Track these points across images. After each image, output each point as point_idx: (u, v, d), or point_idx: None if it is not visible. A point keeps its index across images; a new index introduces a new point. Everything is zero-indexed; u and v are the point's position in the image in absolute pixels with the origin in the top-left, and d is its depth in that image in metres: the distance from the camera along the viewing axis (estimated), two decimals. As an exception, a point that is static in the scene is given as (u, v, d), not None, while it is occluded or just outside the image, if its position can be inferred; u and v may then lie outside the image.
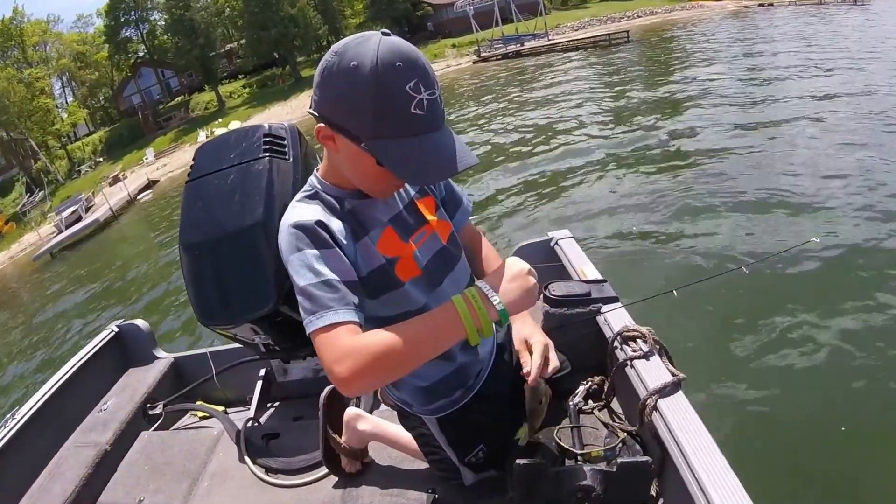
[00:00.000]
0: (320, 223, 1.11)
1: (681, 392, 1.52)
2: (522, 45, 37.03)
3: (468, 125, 16.06)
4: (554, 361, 1.33)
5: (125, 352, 2.96)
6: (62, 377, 2.58)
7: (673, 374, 1.58)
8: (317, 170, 1.24)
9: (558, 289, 1.99)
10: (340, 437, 1.87)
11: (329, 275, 1.07)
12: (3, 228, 34.26)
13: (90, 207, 27.61)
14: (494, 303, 1.04)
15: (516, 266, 1.10)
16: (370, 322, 1.12)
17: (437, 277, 1.30)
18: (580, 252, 2.42)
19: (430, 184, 1.36)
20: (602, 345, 1.88)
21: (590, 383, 1.96)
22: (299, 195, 1.22)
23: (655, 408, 1.49)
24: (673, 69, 16.77)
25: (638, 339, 1.77)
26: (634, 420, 1.63)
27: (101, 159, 43.30)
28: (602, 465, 1.48)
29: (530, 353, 1.31)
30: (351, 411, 1.89)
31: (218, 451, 2.26)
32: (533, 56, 33.29)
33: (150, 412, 2.66)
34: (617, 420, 1.85)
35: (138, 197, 28.68)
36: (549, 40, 35.59)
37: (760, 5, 37.58)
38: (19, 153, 41.43)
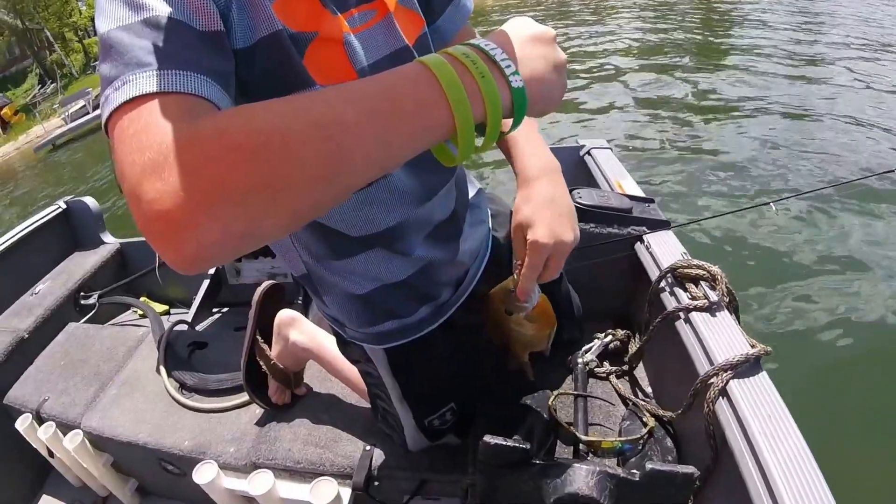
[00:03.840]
0: None
1: (764, 374, 1.05)
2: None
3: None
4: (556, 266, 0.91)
5: (72, 233, 2.87)
6: None
7: (752, 346, 1.10)
8: None
9: (587, 196, 1.51)
10: (271, 351, 1.63)
11: (161, 8, 0.57)
12: (13, 119, 34.66)
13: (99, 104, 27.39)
14: (507, 71, 0.58)
15: (532, 25, 0.66)
16: None
17: None
18: (619, 165, 2.02)
19: None
20: (636, 284, 1.54)
21: (610, 336, 1.57)
22: None
23: (724, 392, 1.03)
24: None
25: (701, 282, 1.29)
26: (676, 401, 1.23)
27: (119, 55, 43.35)
28: (615, 467, 1.00)
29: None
30: (285, 314, 1.61)
31: (138, 354, 2.14)
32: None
33: (83, 301, 2.60)
34: (643, 396, 1.46)
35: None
36: None
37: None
38: (34, 43, 41.18)
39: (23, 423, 1.90)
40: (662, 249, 1.43)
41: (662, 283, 1.34)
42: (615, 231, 1.50)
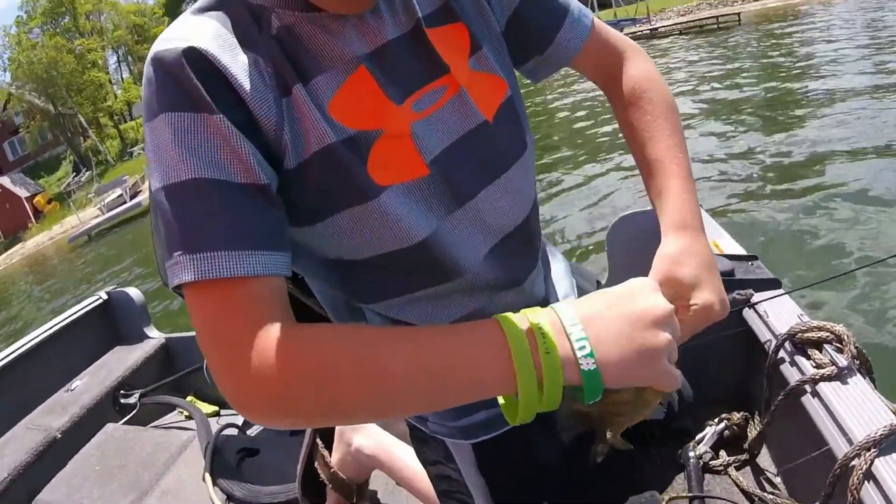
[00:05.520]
0: (200, 54, 0.62)
1: None
2: (621, 30, 37.52)
3: (556, 109, 15.53)
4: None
5: (114, 325, 2.83)
6: (31, 341, 2.49)
7: (896, 413, 0.98)
8: None
9: None
10: (332, 457, 1.58)
11: (206, 171, 0.60)
12: (46, 208, 36.29)
13: (137, 193, 28.71)
14: (578, 353, 0.58)
15: (642, 297, 0.63)
16: (310, 270, 0.82)
17: (460, 186, 0.79)
18: (712, 222, 1.86)
19: None
20: (749, 358, 1.42)
21: (724, 423, 1.45)
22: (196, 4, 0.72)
23: (870, 475, 0.92)
24: (793, 57, 15.65)
25: (825, 346, 1.16)
26: (812, 491, 1.10)
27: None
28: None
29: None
30: None
31: (182, 461, 2.10)
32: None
33: (123, 401, 2.55)
34: (771, 489, 1.32)
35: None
36: (651, 25, 35.17)
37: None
38: (68, 129, 43.66)
39: None
40: (776, 313, 1.30)
41: (781, 353, 1.21)
42: None
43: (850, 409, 1.02)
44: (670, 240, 0.81)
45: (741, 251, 1.60)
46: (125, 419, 2.47)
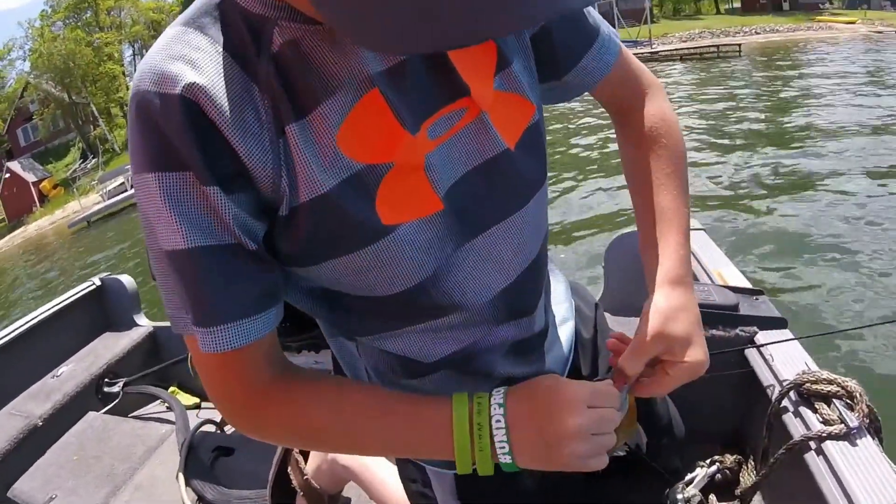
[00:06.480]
0: (188, 102, 0.57)
1: None
2: (621, 52, 38.88)
3: (556, 129, 15.49)
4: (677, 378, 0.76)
5: (104, 312, 2.82)
6: (24, 325, 2.49)
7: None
8: None
9: None
10: (306, 464, 1.55)
11: (199, 238, 0.60)
12: (51, 193, 36.43)
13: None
14: (499, 452, 0.68)
15: (559, 417, 0.68)
16: (297, 299, 0.77)
17: (474, 219, 0.72)
18: (718, 251, 1.83)
19: (439, 48, 0.51)
20: (749, 399, 1.38)
21: (717, 465, 1.41)
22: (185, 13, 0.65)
23: None
24: (790, 88, 15.79)
25: (835, 401, 1.10)
26: None
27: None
28: None
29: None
30: None
31: (157, 456, 2.09)
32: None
33: (106, 389, 2.53)
34: None
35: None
36: (651, 49, 35.32)
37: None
38: (79, 117, 44.09)
39: None
40: (782, 356, 1.24)
41: (785, 402, 1.15)
42: (720, 333, 1.33)
43: (857, 474, 0.97)
44: (664, 294, 0.78)
45: (747, 284, 1.55)
46: (107, 408, 2.45)
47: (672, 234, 0.81)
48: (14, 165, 38.20)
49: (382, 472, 1.43)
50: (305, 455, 1.54)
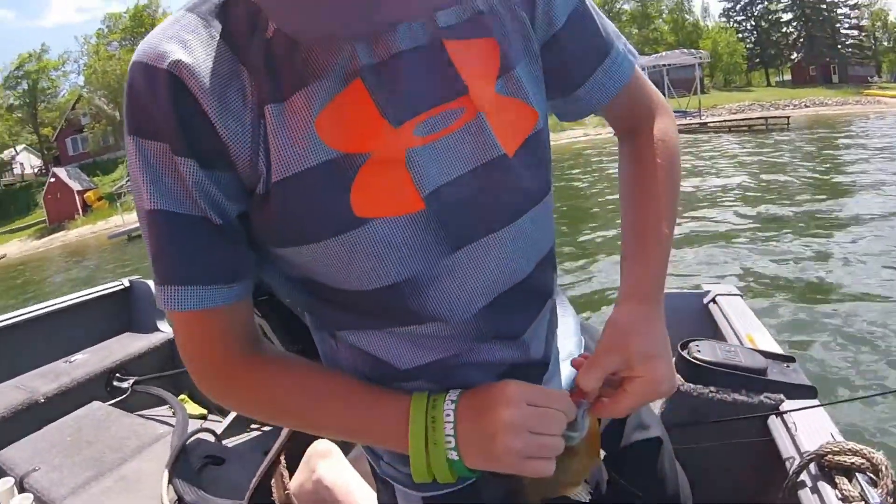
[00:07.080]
0: (175, 78, 0.60)
1: None
2: (671, 122, 39.22)
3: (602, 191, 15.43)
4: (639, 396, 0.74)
5: (129, 312, 2.92)
6: (44, 309, 2.62)
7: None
8: None
9: (709, 351, 1.29)
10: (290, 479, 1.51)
11: (167, 203, 0.63)
12: (95, 203, 37.33)
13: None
14: (447, 447, 0.68)
15: (493, 411, 0.68)
16: (275, 286, 0.81)
17: (461, 227, 0.70)
18: (751, 315, 1.79)
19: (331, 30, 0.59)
20: (768, 472, 1.27)
21: None
22: None
23: None
24: (835, 161, 15.63)
25: (857, 475, 1.04)
26: None
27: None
28: None
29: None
30: (322, 444, 1.49)
31: (149, 453, 2.09)
32: (680, 134, 35.16)
33: (115, 383, 2.59)
34: None
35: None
36: (701, 119, 35.31)
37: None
38: (128, 136, 45.31)
39: (2, 486, 1.87)
40: (806, 427, 1.18)
41: (803, 475, 1.09)
42: (743, 399, 1.26)
43: None
44: (628, 308, 0.76)
45: (778, 349, 1.49)
46: (113, 401, 2.48)
47: (651, 252, 0.80)
48: (60, 171, 39.48)
49: (366, 500, 1.37)
50: (291, 469, 1.50)
